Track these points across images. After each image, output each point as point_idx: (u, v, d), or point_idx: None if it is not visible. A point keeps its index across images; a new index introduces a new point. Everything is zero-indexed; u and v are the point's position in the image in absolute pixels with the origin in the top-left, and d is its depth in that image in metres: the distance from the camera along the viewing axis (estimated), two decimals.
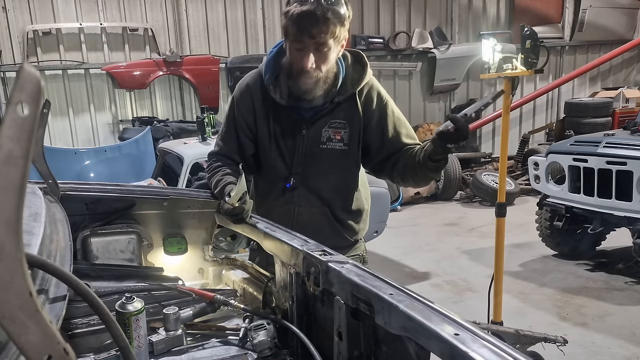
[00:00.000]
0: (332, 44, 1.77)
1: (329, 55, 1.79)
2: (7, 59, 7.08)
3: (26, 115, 0.45)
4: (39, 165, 1.77)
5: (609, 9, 9.98)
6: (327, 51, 1.77)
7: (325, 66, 1.81)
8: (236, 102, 2.01)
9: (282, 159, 1.96)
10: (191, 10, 7.92)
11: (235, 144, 2.03)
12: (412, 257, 5.62)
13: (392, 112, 1.99)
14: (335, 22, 1.72)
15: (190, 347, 1.57)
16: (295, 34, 1.74)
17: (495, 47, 3.34)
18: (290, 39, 1.78)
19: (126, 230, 2.00)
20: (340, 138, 1.92)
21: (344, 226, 2.02)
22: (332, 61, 1.83)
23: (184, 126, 7.10)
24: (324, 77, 1.84)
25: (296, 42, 1.76)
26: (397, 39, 9.02)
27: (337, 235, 2.01)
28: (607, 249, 5.36)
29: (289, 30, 1.77)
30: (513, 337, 2.08)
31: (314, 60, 1.77)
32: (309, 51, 1.76)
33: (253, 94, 1.96)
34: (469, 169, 8.63)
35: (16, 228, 0.45)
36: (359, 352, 1.24)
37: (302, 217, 1.97)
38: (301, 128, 1.92)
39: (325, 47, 1.76)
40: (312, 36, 1.72)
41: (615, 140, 4.66)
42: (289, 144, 1.94)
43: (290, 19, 1.73)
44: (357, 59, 1.97)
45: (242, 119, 1.99)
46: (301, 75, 1.81)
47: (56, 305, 0.96)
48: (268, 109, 1.95)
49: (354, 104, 1.93)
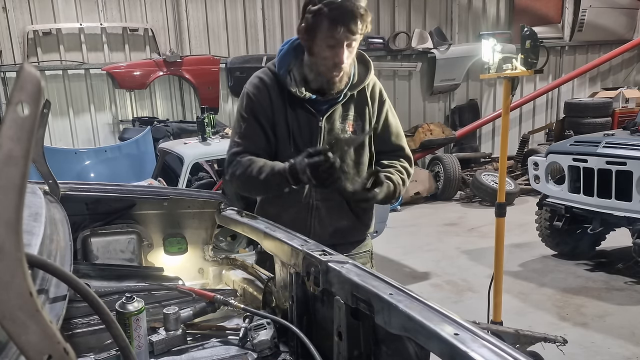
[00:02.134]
0: (359, 39, 1.83)
1: (354, 50, 1.85)
2: (7, 59, 7.08)
3: (26, 115, 0.45)
4: (39, 165, 1.77)
5: (608, 9, 9.98)
6: (355, 45, 1.83)
7: (349, 60, 1.86)
8: (253, 96, 1.96)
9: (298, 153, 1.96)
10: (191, 11, 7.92)
11: (262, 138, 1.94)
12: (412, 257, 5.63)
13: (387, 110, 2.06)
14: (366, 19, 1.77)
15: (190, 347, 1.57)
16: (331, 29, 1.76)
17: (495, 47, 3.34)
18: (323, 35, 1.78)
19: (126, 230, 2.01)
20: (353, 130, 1.96)
21: (360, 218, 2.05)
22: (353, 56, 1.89)
23: (184, 126, 7.10)
24: (348, 72, 1.90)
25: (330, 37, 1.78)
26: (397, 39, 9.02)
27: (354, 227, 2.03)
28: (607, 249, 5.36)
29: (321, 26, 1.77)
30: (513, 337, 2.08)
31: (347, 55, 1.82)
32: (342, 46, 1.78)
33: (269, 88, 1.95)
34: (468, 169, 8.63)
35: (16, 228, 0.45)
36: (359, 352, 1.24)
37: (320, 212, 1.97)
38: (318, 121, 1.94)
39: (356, 42, 1.82)
40: (352, 32, 1.76)
41: (615, 140, 4.66)
42: (305, 137, 1.94)
43: (324, 13, 1.74)
44: (360, 56, 2.01)
45: (263, 112, 1.94)
46: (333, 70, 1.84)
47: (56, 305, 0.96)
48: (284, 103, 1.94)
49: (365, 97, 1.99)
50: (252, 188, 1.95)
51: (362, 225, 2.08)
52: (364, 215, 2.07)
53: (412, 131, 8.26)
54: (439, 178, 8.19)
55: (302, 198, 1.98)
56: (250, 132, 1.94)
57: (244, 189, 1.98)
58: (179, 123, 7.35)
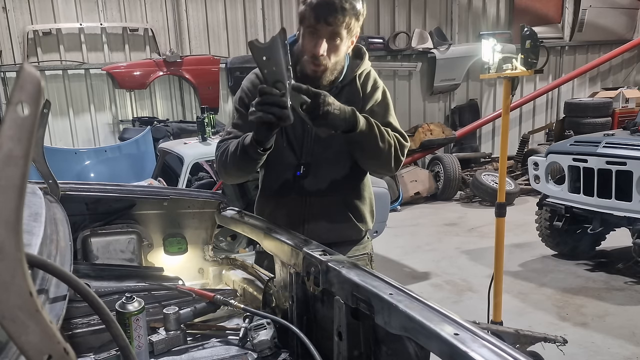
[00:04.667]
0: (345, 36, 1.81)
1: (341, 47, 1.83)
2: (7, 59, 7.08)
3: (26, 115, 0.45)
4: (39, 165, 1.77)
5: (608, 9, 9.98)
6: (339, 43, 1.82)
7: (335, 57, 1.84)
8: (248, 90, 1.98)
9: (290, 148, 1.95)
10: (191, 10, 7.92)
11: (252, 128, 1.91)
12: (412, 257, 5.63)
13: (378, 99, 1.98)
14: (351, 14, 1.77)
15: (190, 347, 1.57)
16: (312, 20, 1.78)
17: (495, 47, 3.34)
18: (306, 25, 1.81)
19: (126, 230, 2.01)
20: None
21: (355, 213, 2.02)
22: (342, 54, 1.87)
23: (184, 126, 7.11)
24: (332, 68, 1.87)
25: (311, 27, 1.79)
26: (397, 39, 9.02)
27: (349, 223, 2.00)
28: (607, 249, 5.36)
29: (305, 16, 1.80)
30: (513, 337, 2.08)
31: (326, 48, 1.80)
32: (322, 38, 1.79)
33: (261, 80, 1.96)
34: (468, 169, 8.63)
35: (16, 228, 0.45)
36: (359, 352, 1.24)
37: (313, 207, 1.96)
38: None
39: (338, 37, 1.80)
40: (328, 23, 1.76)
41: (615, 140, 4.66)
42: (297, 131, 1.94)
43: (309, 5, 1.78)
44: (356, 49, 2.01)
45: None
46: (312, 61, 1.83)
47: (56, 305, 0.96)
48: None
49: (355, 86, 1.97)
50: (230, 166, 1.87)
51: (360, 218, 2.03)
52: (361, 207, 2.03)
53: (412, 131, 8.26)
54: (439, 178, 8.19)
55: (293, 195, 1.96)
56: (242, 122, 1.94)
57: (225, 169, 1.91)
58: (179, 123, 7.36)
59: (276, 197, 2.00)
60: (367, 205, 2.07)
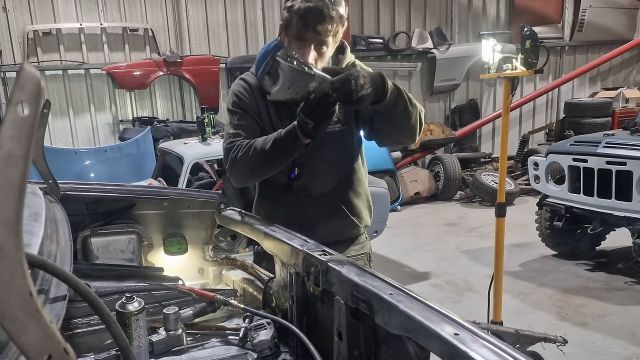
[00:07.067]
0: (331, 43, 1.82)
1: (327, 53, 1.84)
2: (7, 59, 7.08)
3: (26, 115, 0.45)
4: (39, 165, 1.77)
5: (608, 9, 9.98)
6: (325, 50, 1.82)
7: (321, 63, 1.84)
8: (239, 93, 1.96)
9: None
10: (191, 10, 7.92)
11: (256, 127, 1.91)
12: (412, 257, 5.62)
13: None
14: (337, 22, 1.77)
15: (190, 347, 1.57)
16: (300, 29, 1.77)
17: (495, 47, 3.34)
18: (292, 33, 1.80)
19: (126, 230, 2.01)
20: (337, 119, 1.91)
21: (352, 210, 2.01)
22: (327, 58, 1.87)
23: (184, 126, 7.11)
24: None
25: (299, 36, 1.79)
26: (397, 39, 9.02)
27: (346, 221, 2.00)
28: (607, 249, 5.36)
29: (292, 24, 1.79)
30: (513, 337, 2.08)
31: (315, 56, 1.80)
32: (310, 46, 1.79)
33: (253, 89, 1.96)
34: (468, 169, 8.63)
35: (16, 228, 0.45)
36: (359, 352, 1.24)
37: (309, 208, 1.95)
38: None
39: (325, 45, 1.81)
40: (317, 32, 1.76)
41: (615, 140, 4.66)
42: None
43: (297, 13, 1.76)
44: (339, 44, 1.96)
45: (250, 108, 1.94)
46: None
47: (56, 305, 0.96)
48: (266, 103, 1.94)
49: None
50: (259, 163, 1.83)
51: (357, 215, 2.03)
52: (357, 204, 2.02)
53: None
54: (439, 178, 8.19)
55: (289, 197, 1.95)
56: (244, 122, 1.92)
57: (249, 169, 1.86)
58: (179, 123, 7.36)
59: (272, 199, 2.01)
60: (363, 201, 2.06)
